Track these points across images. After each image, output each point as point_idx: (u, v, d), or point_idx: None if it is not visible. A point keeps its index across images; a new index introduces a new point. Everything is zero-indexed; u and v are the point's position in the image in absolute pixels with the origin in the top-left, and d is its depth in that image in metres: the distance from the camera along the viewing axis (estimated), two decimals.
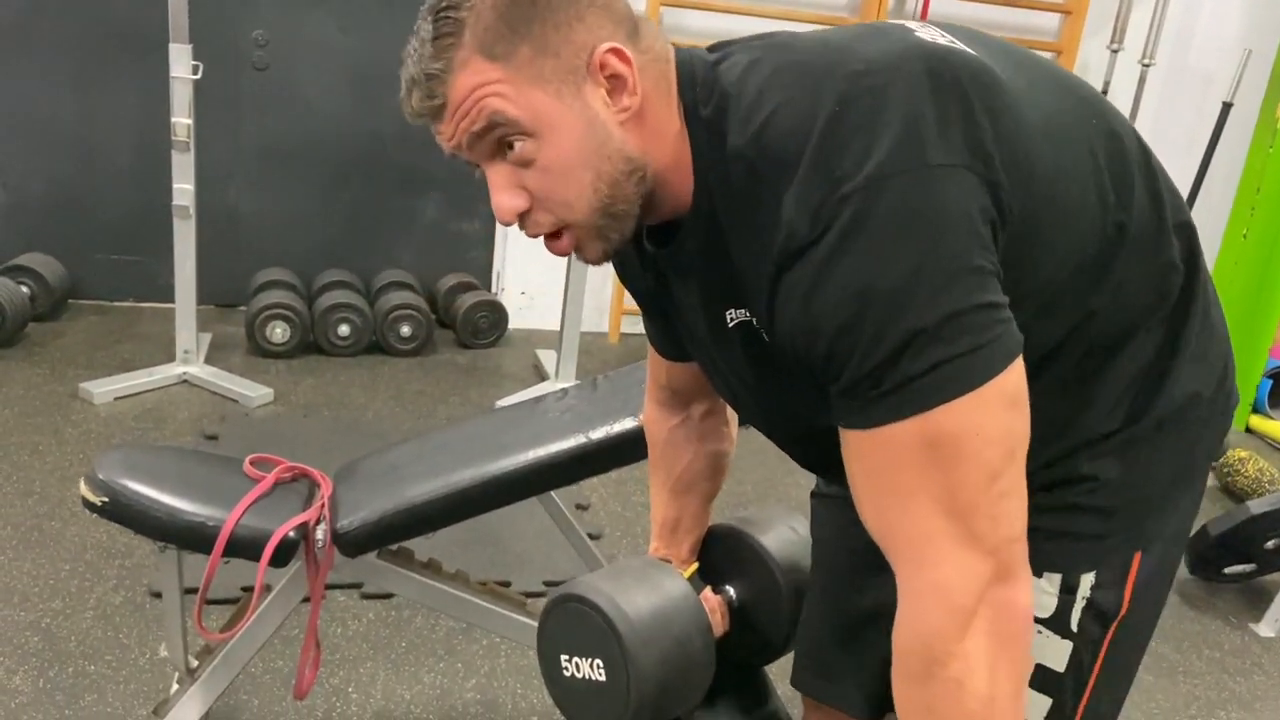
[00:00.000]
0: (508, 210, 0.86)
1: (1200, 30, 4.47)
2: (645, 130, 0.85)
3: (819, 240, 0.75)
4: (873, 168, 0.73)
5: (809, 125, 0.77)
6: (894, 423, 0.76)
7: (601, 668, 1.04)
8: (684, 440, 1.22)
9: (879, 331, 0.73)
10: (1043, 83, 0.86)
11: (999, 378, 0.75)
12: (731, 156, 0.82)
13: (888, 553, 0.82)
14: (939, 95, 0.76)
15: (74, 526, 2.48)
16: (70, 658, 2.03)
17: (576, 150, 0.83)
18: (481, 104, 0.81)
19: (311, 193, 4.11)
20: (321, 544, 1.54)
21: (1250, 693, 2.41)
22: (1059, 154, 0.81)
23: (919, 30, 0.84)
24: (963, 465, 0.76)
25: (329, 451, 2.83)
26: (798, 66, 0.82)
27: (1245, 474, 3.37)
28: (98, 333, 3.74)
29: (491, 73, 0.81)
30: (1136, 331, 0.88)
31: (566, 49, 0.81)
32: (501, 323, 4.07)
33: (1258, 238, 4.04)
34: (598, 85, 0.82)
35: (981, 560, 0.77)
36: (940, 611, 0.78)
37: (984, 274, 0.74)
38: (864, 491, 0.82)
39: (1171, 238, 0.89)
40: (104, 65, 3.78)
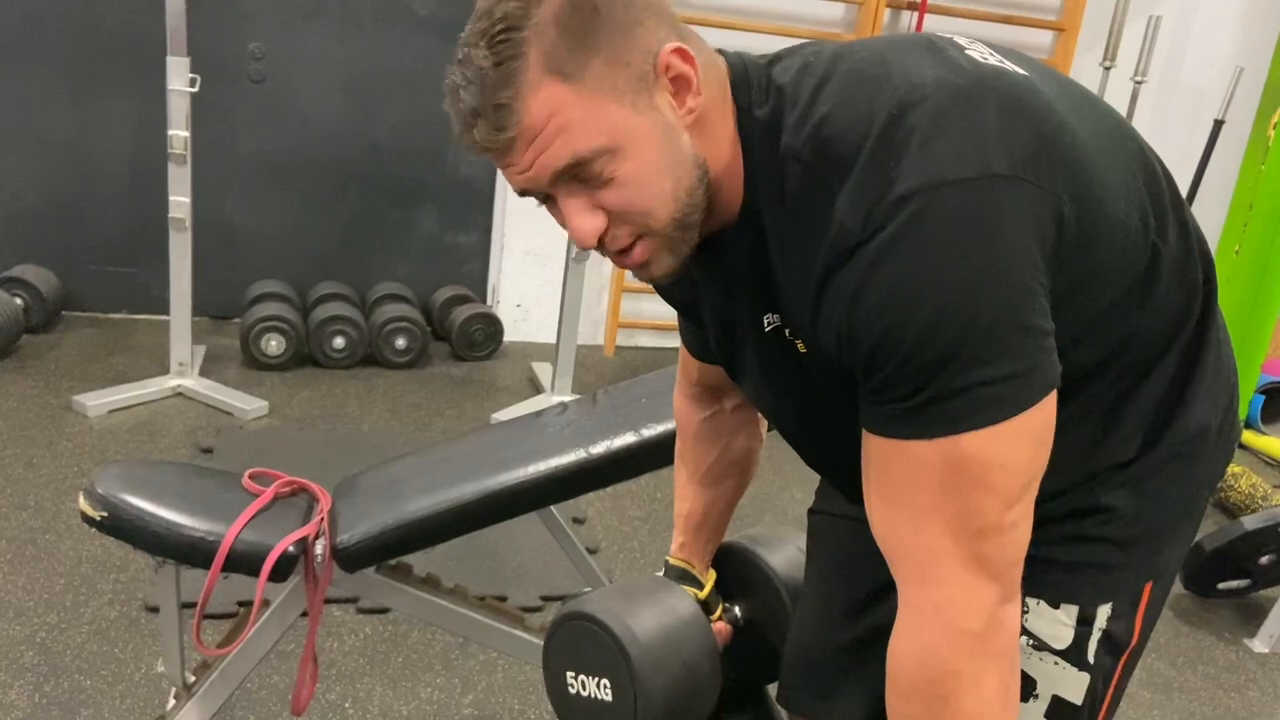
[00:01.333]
0: (591, 234, 0.82)
1: (1192, 48, 4.51)
2: (705, 133, 0.83)
3: (870, 240, 0.73)
4: (934, 172, 0.72)
5: (867, 127, 0.76)
6: (921, 440, 0.75)
7: (609, 688, 1.04)
8: (714, 434, 1.22)
9: (923, 337, 0.72)
10: (1083, 106, 0.85)
11: (1031, 411, 0.74)
12: (786, 156, 0.81)
13: (892, 565, 0.82)
14: (1001, 109, 0.75)
15: (69, 540, 2.46)
16: (66, 673, 2.02)
17: (656, 159, 0.80)
18: (562, 137, 0.77)
19: (307, 205, 4.10)
20: (321, 559, 1.54)
21: (1245, 708, 2.41)
22: (1108, 173, 0.81)
23: (970, 49, 0.84)
24: (981, 492, 0.76)
25: (324, 464, 2.82)
26: (854, 74, 0.81)
27: (1238, 490, 3.38)
28: (92, 345, 3.73)
29: (566, 95, 0.77)
30: (1163, 356, 0.88)
31: (636, 55, 0.78)
32: (497, 335, 4.07)
33: (1250, 254, 4.07)
34: (664, 89, 0.80)
35: (988, 585, 0.78)
36: (939, 631, 0.79)
37: (1034, 294, 0.73)
38: (878, 499, 0.82)
39: (1197, 263, 0.89)
40: (101, 77, 3.77)
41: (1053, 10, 4.42)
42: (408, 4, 3.96)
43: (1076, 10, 4.31)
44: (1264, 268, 4.03)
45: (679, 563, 1.25)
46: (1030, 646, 0.92)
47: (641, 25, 0.79)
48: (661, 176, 0.80)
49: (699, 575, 1.25)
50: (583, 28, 0.76)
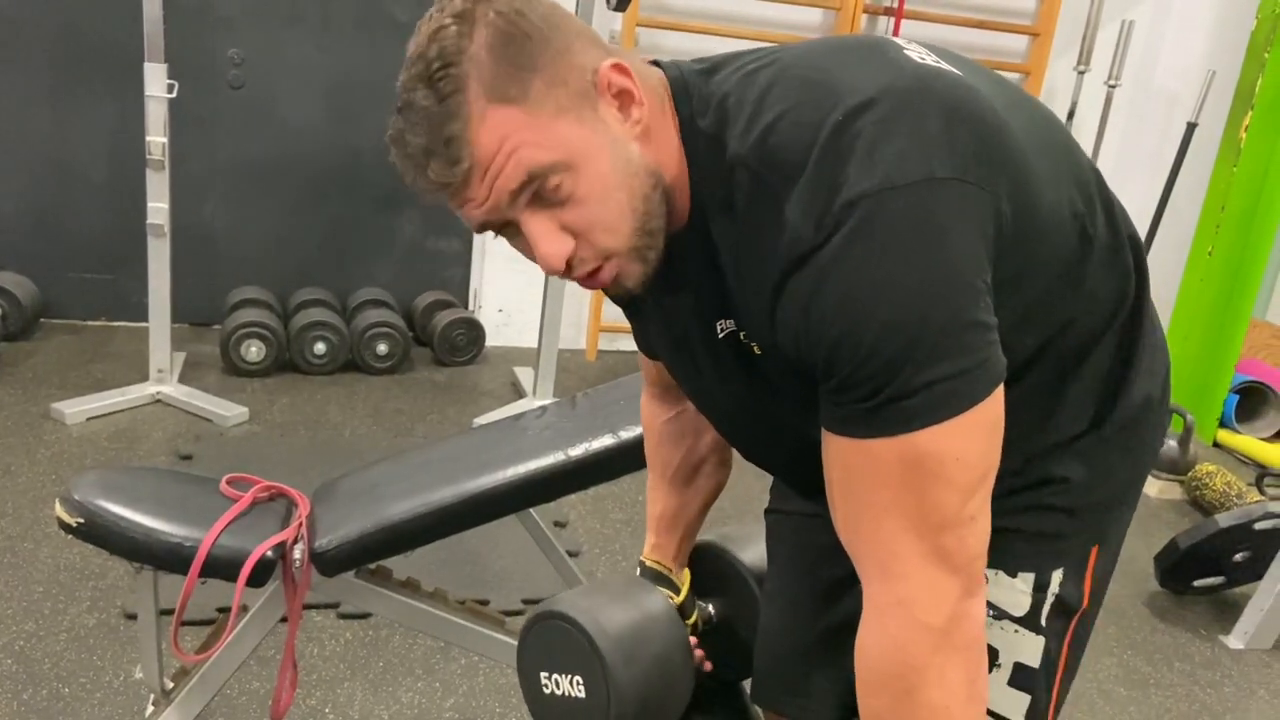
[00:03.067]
0: (558, 257, 0.83)
1: (1165, 52, 4.56)
2: (656, 145, 0.85)
3: (823, 245, 0.75)
4: (880, 177, 0.74)
5: (814, 134, 0.77)
6: (879, 438, 0.77)
7: (581, 685, 1.05)
8: (679, 434, 1.23)
9: (878, 340, 0.74)
10: (1017, 101, 0.88)
11: (982, 404, 0.77)
12: (734, 164, 0.82)
13: (856, 561, 0.84)
14: (942, 112, 0.78)
15: (46, 548, 2.45)
16: (44, 680, 2.01)
17: (610, 172, 0.82)
18: (515, 157, 0.78)
19: (287, 211, 4.10)
20: (299, 563, 1.54)
21: (1221, 704, 2.44)
22: (1042, 167, 0.83)
23: (908, 49, 0.85)
24: (939, 487, 0.78)
25: (305, 470, 2.82)
26: (797, 79, 0.83)
27: (1213, 488, 3.42)
28: (70, 352, 3.71)
29: (514, 117, 0.78)
30: (1100, 338, 0.91)
31: (573, 74, 0.81)
32: (479, 340, 4.07)
33: (1223, 255, 4.11)
34: (609, 104, 0.82)
35: (949, 578, 0.80)
36: (904, 626, 0.81)
37: (980, 292, 0.76)
38: (839, 498, 0.84)
39: (1126, 248, 0.92)
40: (79, 83, 3.76)
41: (1027, 15, 4.46)
42: (387, 10, 3.97)
43: (1050, 15, 4.36)
44: (1236, 269, 4.08)
45: (654, 564, 1.26)
46: (991, 617, 0.95)
47: (572, 49, 0.81)
48: (617, 189, 0.82)
49: (674, 578, 1.25)
50: (517, 53, 0.78)
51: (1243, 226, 4.05)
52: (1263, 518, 2.68)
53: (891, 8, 4.22)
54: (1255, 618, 2.68)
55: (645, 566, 1.26)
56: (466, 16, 0.79)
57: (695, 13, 4.08)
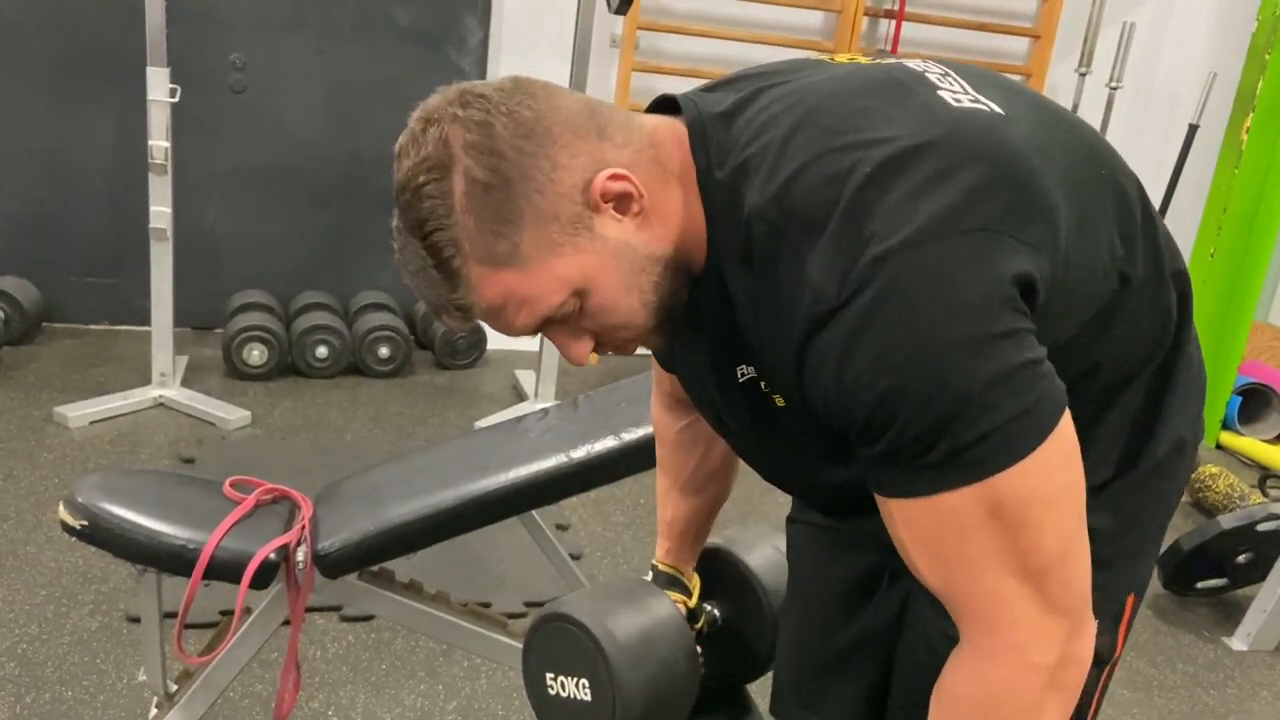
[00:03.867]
0: (584, 356, 0.87)
1: (1166, 54, 4.56)
2: (658, 219, 0.83)
3: (848, 303, 0.73)
4: (908, 232, 0.72)
5: (838, 189, 0.75)
6: (948, 491, 0.74)
7: (587, 688, 1.05)
8: (691, 442, 1.22)
9: (922, 401, 0.72)
10: (1057, 133, 0.85)
11: (1052, 435, 0.74)
12: (752, 217, 0.79)
13: (954, 611, 0.81)
14: (974, 161, 0.75)
15: (49, 551, 2.45)
16: (47, 684, 2.01)
17: (616, 283, 0.82)
18: (525, 309, 0.80)
19: (289, 215, 4.10)
20: (302, 566, 1.54)
21: (1224, 706, 2.44)
22: (1078, 210, 0.80)
23: (941, 87, 0.82)
24: (1029, 529, 0.75)
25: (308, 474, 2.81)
26: (820, 126, 0.79)
27: (1216, 489, 3.41)
28: (72, 356, 3.71)
29: (510, 279, 0.79)
30: (1132, 380, 0.88)
31: (562, 204, 0.78)
32: (480, 343, 4.08)
33: (1225, 257, 4.11)
34: (605, 213, 0.80)
35: (1057, 620, 0.77)
36: (1017, 671, 0.78)
37: (1021, 334, 0.73)
38: (921, 558, 0.80)
39: (1169, 285, 0.89)
40: (81, 88, 3.76)
41: (1028, 17, 4.46)
42: (388, 14, 3.97)
43: (1051, 17, 4.36)
44: (1238, 271, 4.08)
45: (667, 568, 1.26)
46: None
47: (559, 167, 0.78)
48: (626, 294, 0.83)
49: (687, 581, 1.25)
50: (496, 206, 0.77)
51: (1244, 228, 4.05)
52: (1265, 519, 2.68)
53: (892, 10, 4.22)
54: (1258, 619, 2.68)
55: (659, 570, 1.26)
56: (442, 166, 0.77)
57: (696, 15, 4.09)
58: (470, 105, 0.78)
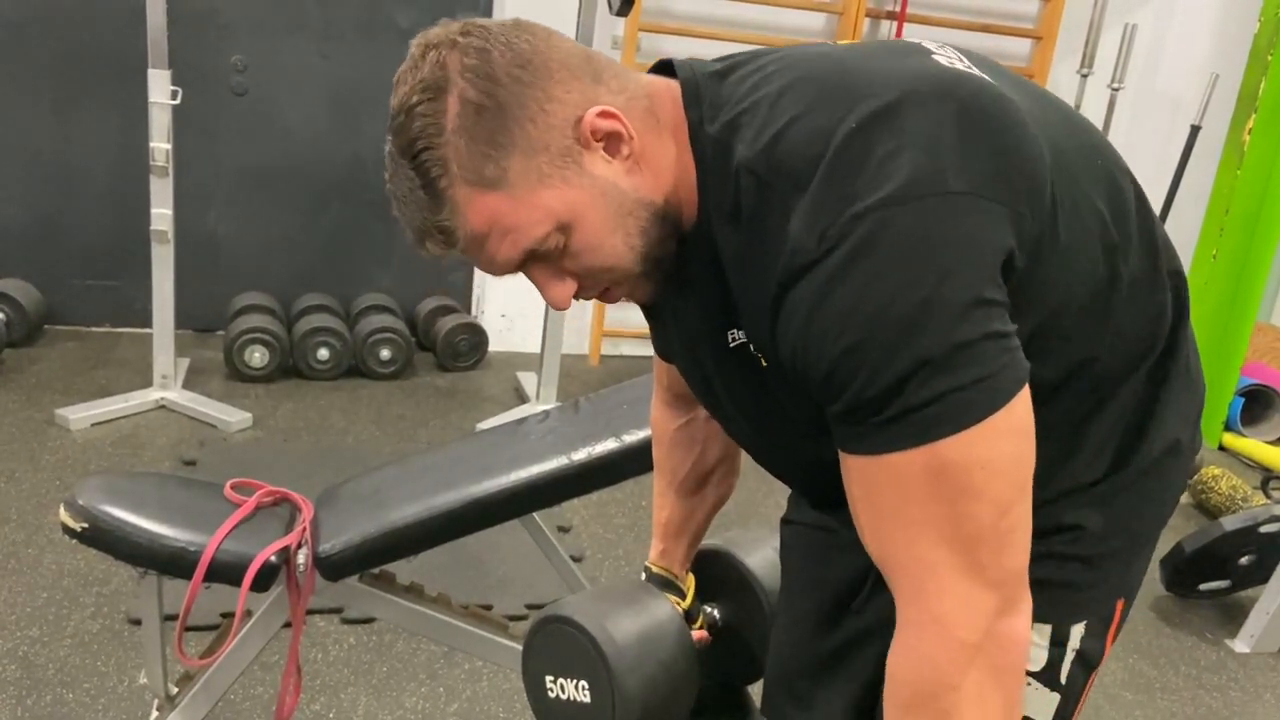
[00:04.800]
0: (565, 299, 0.87)
1: (1168, 55, 4.56)
2: (649, 168, 0.83)
3: (825, 258, 0.73)
4: (891, 189, 0.71)
5: (824, 142, 0.75)
6: (898, 451, 0.74)
7: (587, 690, 1.05)
8: (689, 441, 1.22)
9: (884, 358, 0.72)
10: (1054, 118, 0.84)
11: (1006, 408, 0.73)
12: (740, 170, 0.80)
13: (889, 579, 0.81)
14: (962, 122, 0.74)
15: (51, 554, 2.45)
16: (48, 686, 2.01)
17: (602, 223, 0.82)
18: (509, 239, 0.81)
19: (290, 217, 4.11)
20: (303, 568, 1.54)
21: (1227, 708, 2.43)
22: (1069, 190, 0.79)
23: (937, 53, 0.82)
24: (969, 497, 0.74)
25: (309, 476, 2.81)
26: (813, 83, 0.80)
27: (1218, 491, 3.41)
28: (74, 359, 3.71)
29: (497, 203, 0.79)
30: (1126, 379, 0.87)
31: (553, 136, 0.79)
32: (482, 345, 4.08)
33: (1227, 258, 4.11)
34: (595, 151, 0.81)
35: (985, 593, 0.76)
36: (940, 644, 0.77)
37: (993, 305, 0.73)
38: (866, 517, 0.81)
39: (1165, 285, 0.88)
40: (82, 90, 3.77)
41: (1030, 19, 4.46)
42: (389, 16, 3.98)
43: (1053, 19, 4.36)
44: (1240, 272, 4.07)
45: (661, 570, 1.25)
46: None
47: (552, 99, 0.79)
48: (611, 235, 0.83)
49: (680, 583, 1.25)
50: (489, 129, 0.78)
51: (1247, 229, 4.04)
52: (1268, 521, 2.68)
53: (894, 11, 4.22)
54: (1261, 621, 2.67)
55: (651, 573, 1.26)
56: (437, 87, 0.78)
57: (698, 17, 4.09)
58: (470, 34, 0.80)
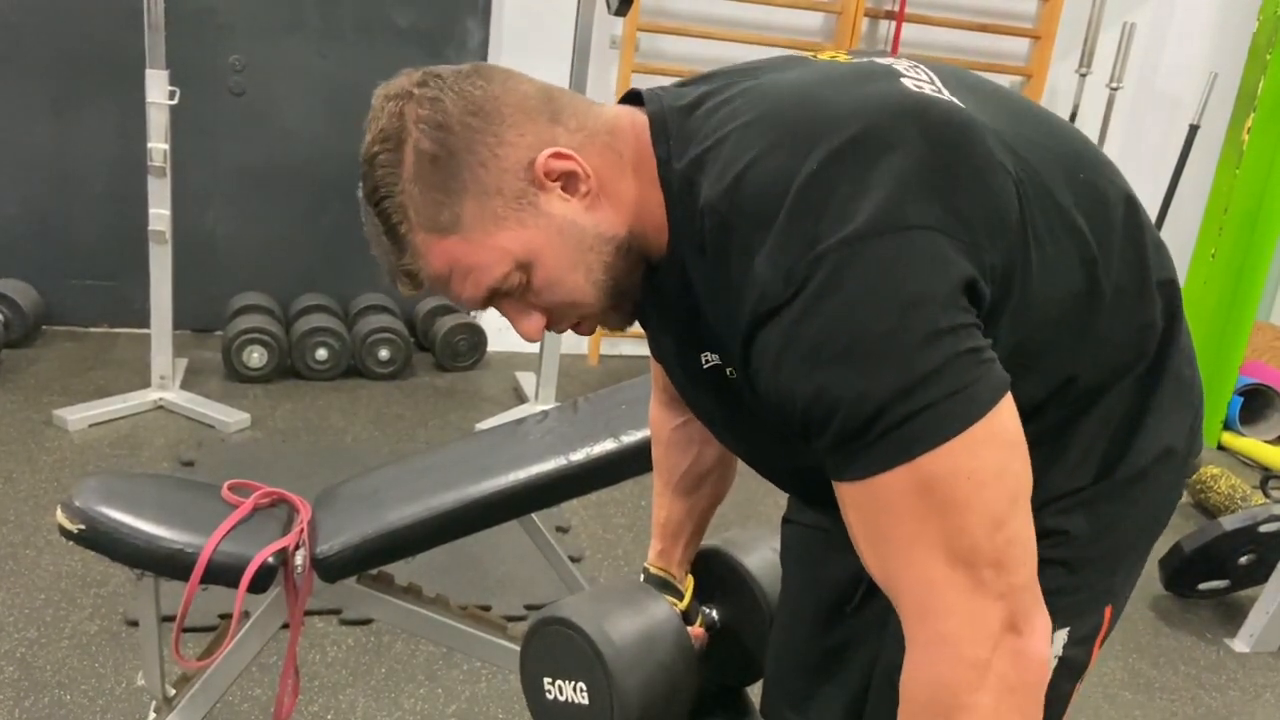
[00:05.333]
0: (536, 333, 0.89)
1: (1167, 54, 4.56)
2: (610, 201, 0.85)
3: (792, 300, 0.73)
4: (852, 228, 0.72)
5: (786, 183, 0.75)
6: (883, 473, 0.74)
7: (585, 691, 1.04)
8: (686, 441, 1.22)
9: (855, 393, 0.72)
10: (1030, 133, 0.84)
11: (987, 418, 0.73)
12: (705, 211, 0.80)
13: (893, 600, 0.80)
14: (924, 155, 0.75)
15: (49, 555, 2.45)
16: (46, 687, 2.01)
17: (562, 260, 0.84)
18: (470, 279, 0.83)
19: (289, 217, 4.10)
20: (300, 569, 1.54)
21: (1226, 708, 2.43)
22: (1042, 211, 0.79)
23: (906, 75, 0.82)
24: (958, 510, 0.74)
25: (308, 476, 2.81)
26: (776, 117, 0.80)
27: (1218, 490, 3.40)
28: (72, 359, 3.71)
29: (454, 248, 0.82)
30: (1110, 389, 0.87)
31: (506, 179, 0.82)
32: (481, 345, 4.07)
33: (1226, 257, 4.11)
34: (551, 191, 0.83)
35: (990, 609, 0.75)
36: (949, 663, 0.76)
37: (959, 329, 0.73)
38: (863, 541, 0.80)
39: (1154, 295, 0.88)
40: (80, 90, 3.76)
41: (1028, 18, 4.46)
42: (388, 15, 3.97)
43: (1052, 18, 4.35)
44: (1239, 271, 4.07)
45: (659, 571, 1.25)
46: None
47: (504, 143, 0.82)
48: (572, 271, 0.85)
49: (679, 584, 1.25)
50: (444, 178, 0.81)
51: (1246, 228, 4.04)
52: (1267, 520, 2.67)
53: (892, 11, 4.21)
54: (1260, 620, 2.67)
55: (650, 573, 1.26)
56: (396, 138, 0.82)
57: (696, 17, 4.08)
58: (426, 84, 0.83)
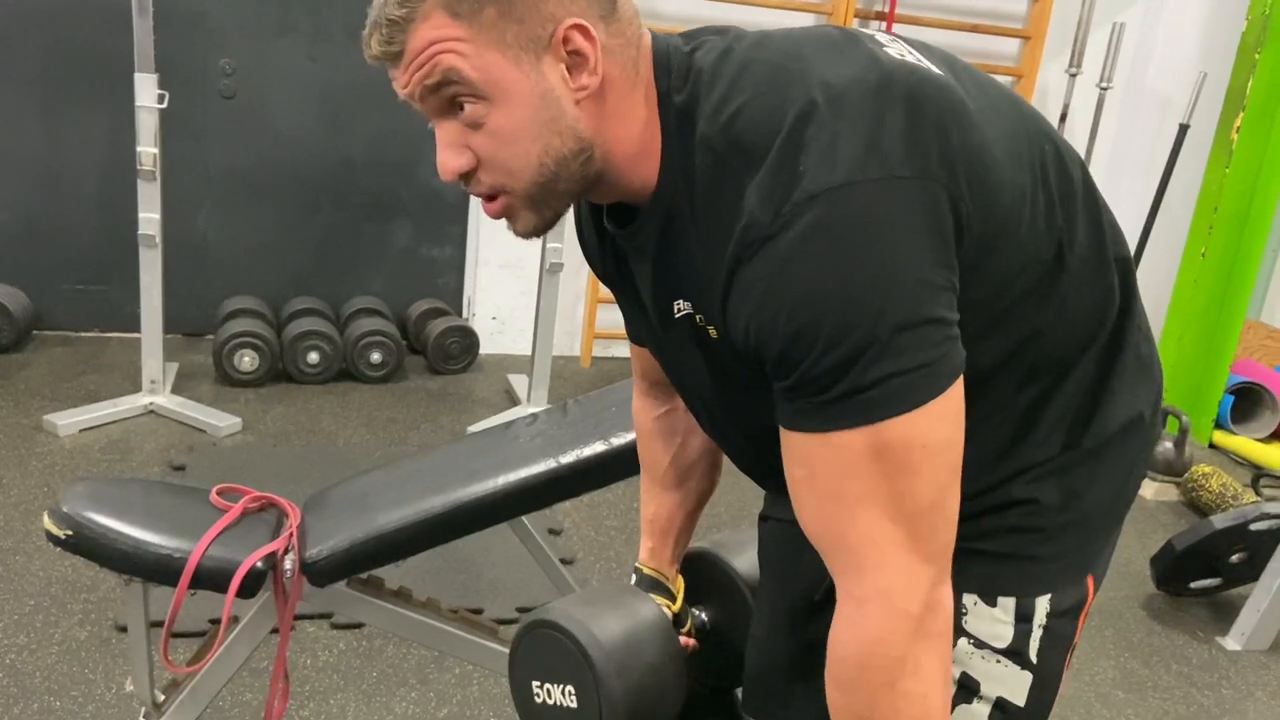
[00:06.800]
0: (450, 169, 0.86)
1: (1157, 54, 4.57)
2: (603, 112, 0.84)
3: (778, 235, 0.76)
4: (841, 172, 0.74)
5: (778, 120, 0.78)
6: (841, 430, 0.77)
7: (573, 694, 1.04)
8: (669, 431, 1.22)
9: (833, 336, 0.75)
10: (1001, 105, 0.87)
11: (943, 395, 0.77)
12: (699, 144, 0.83)
13: (827, 556, 0.84)
14: (909, 109, 0.77)
15: (38, 561, 2.44)
16: (35, 694, 2.00)
17: (527, 120, 0.82)
18: (437, 59, 0.80)
19: (280, 220, 4.09)
20: (290, 574, 1.53)
21: (1219, 706, 2.43)
22: (1015, 174, 0.83)
23: (888, 45, 0.85)
24: (908, 475, 0.78)
25: (299, 480, 2.81)
26: (771, 65, 0.83)
27: (1209, 489, 3.41)
28: (62, 364, 3.70)
29: (452, 29, 0.80)
30: (1076, 362, 0.90)
31: (532, 16, 0.80)
32: (473, 348, 4.07)
33: (1216, 256, 4.12)
34: (558, 59, 0.81)
35: (924, 566, 0.80)
36: (884, 617, 0.80)
37: (938, 288, 0.76)
38: (805, 494, 0.83)
39: (1112, 269, 0.91)
40: (70, 94, 3.75)
41: (1019, 19, 4.47)
42: None
43: (1042, 19, 4.37)
44: (1230, 270, 4.09)
45: (651, 572, 1.25)
46: (972, 646, 0.92)
47: None
48: (529, 139, 0.83)
49: (670, 585, 1.24)
50: None
51: (1236, 227, 4.06)
52: (1258, 518, 2.68)
53: (883, 12, 4.22)
54: (1252, 619, 2.68)
55: (642, 574, 1.25)
56: None
57: (686, 18, 4.08)
58: None
